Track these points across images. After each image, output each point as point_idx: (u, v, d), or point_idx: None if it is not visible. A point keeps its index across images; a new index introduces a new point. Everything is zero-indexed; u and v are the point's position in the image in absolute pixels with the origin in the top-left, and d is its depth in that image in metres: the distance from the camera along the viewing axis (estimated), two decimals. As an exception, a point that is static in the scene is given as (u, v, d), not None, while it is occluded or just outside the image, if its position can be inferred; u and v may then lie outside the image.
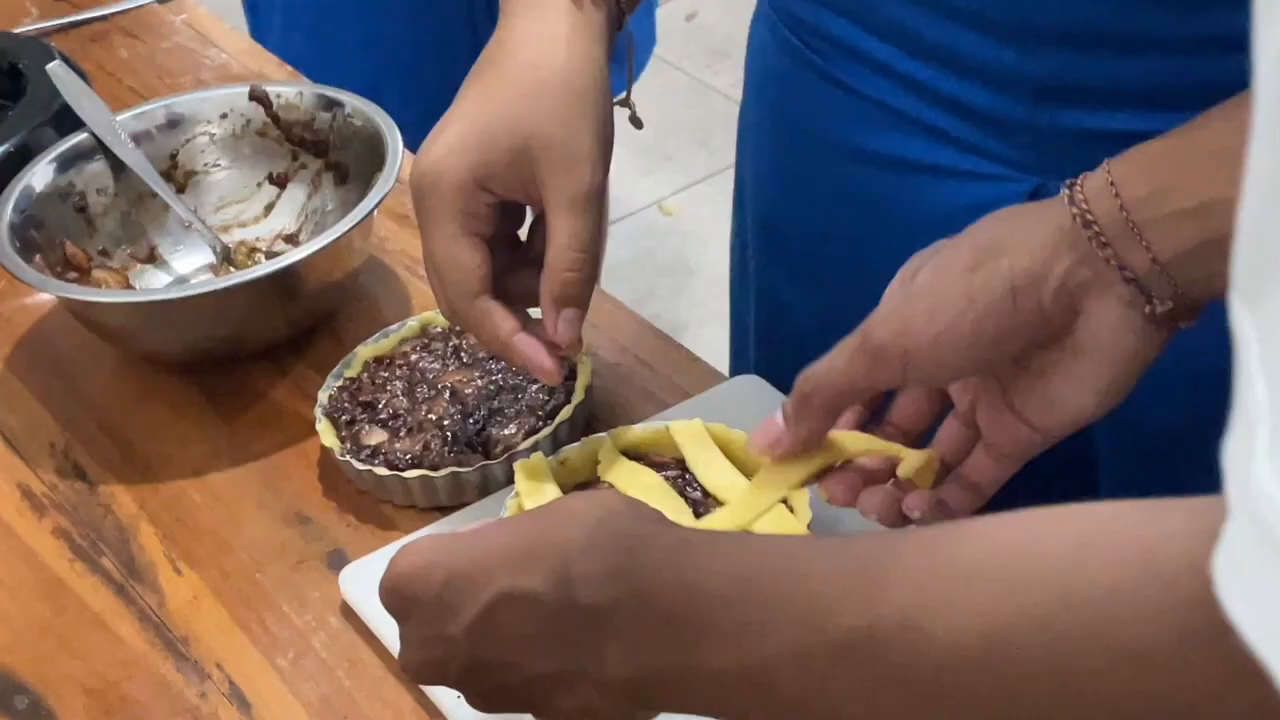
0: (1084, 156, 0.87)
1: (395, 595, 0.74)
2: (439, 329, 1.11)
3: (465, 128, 0.89)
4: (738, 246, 1.19)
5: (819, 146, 1.03)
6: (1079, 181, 0.76)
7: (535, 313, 0.94)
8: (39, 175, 1.19)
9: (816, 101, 1.03)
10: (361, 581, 0.96)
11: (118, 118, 1.23)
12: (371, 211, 1.11)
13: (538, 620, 0.68)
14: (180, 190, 1.24)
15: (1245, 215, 0.42)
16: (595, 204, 0.90)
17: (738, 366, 1.23)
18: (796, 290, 1.10)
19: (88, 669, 0.96)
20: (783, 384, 1.02)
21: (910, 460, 0.83)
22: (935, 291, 0.78)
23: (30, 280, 1.09)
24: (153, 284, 1.22)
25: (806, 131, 1.05)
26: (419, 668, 0.74)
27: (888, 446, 0.85)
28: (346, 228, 1.09)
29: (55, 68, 1.25)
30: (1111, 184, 0.74)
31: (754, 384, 1.07)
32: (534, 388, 1.05)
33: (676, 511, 0.93)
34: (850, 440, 0.85)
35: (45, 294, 1.15)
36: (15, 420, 1.14)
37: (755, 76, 1.11)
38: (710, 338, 2.50)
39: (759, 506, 0.89)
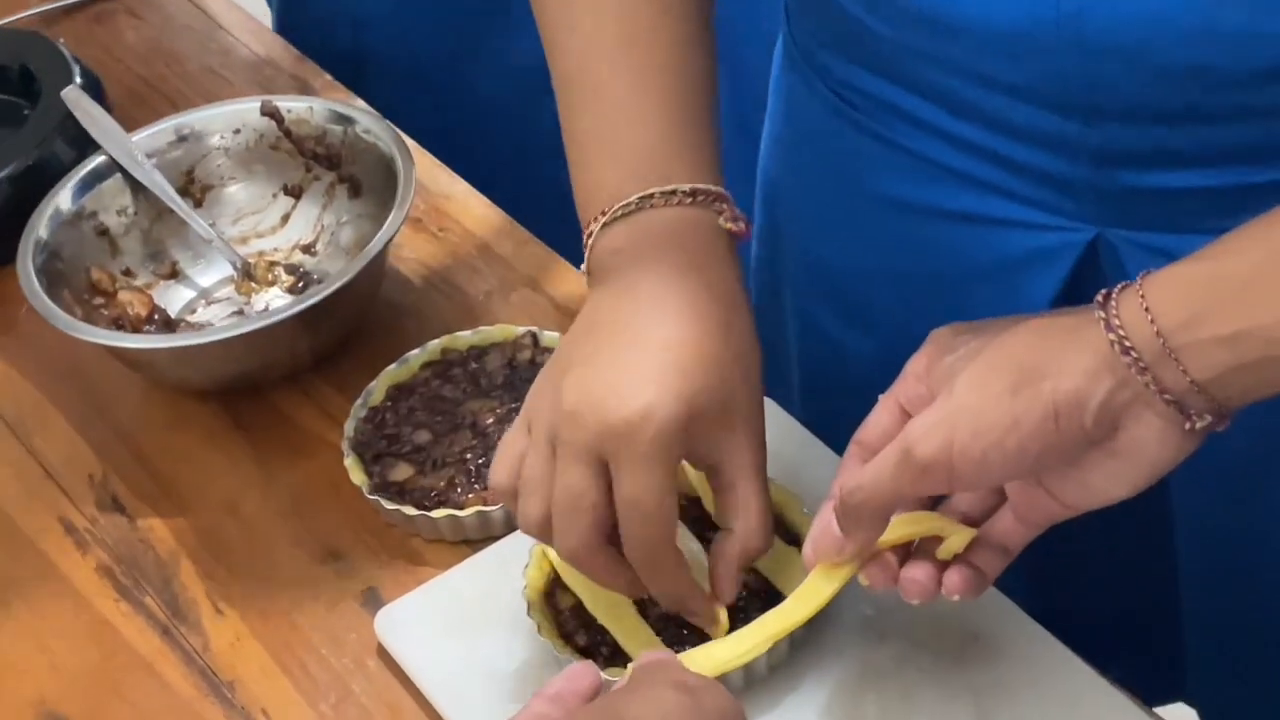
0: (1145, 210, 0.91)
1: None
2: (457, 352, 1.14)
3: (677, 374, 0.86)
4: (767, 273, 1.21)
5: (863, 197, 1.04)
6: (1113, 302, 0.78)
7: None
8: (58, 202, 1.21)
9: (857, 154, 1.02)
10: (397, 626, 1.01)
11: (133, 139, 1.25)
12: (391, 239, 1.14)
13: None
14: (198, 204, 1.27)
15: None
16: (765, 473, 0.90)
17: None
18: (846, 330, 1.11)
19: (140, 716, 1.01)
20: (832, 419, 1.05)
21: (953, 542, 0.87)
22: (978, 412, 0.80)
23: (62, 325, 1.12)
24: (176, 299, 1.25)
25: (848, 182, 1.05)
26: None
27: (932, 524, 0.88)
28: (369, 259, 1.12)
29: (70, 93, 1.27)
30: (1146, 310, 0.76)
31: (770, 410, 1.10)
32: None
33: (695, 555, 0.97)
34: (899, 524, 0.88)
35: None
36: (52, 451, 1.18)
37: (784, 123, 1.12)
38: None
39: (824, 594, 0.93)
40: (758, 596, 0.96)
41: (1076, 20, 0.84)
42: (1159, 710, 0.93)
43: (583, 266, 0.96)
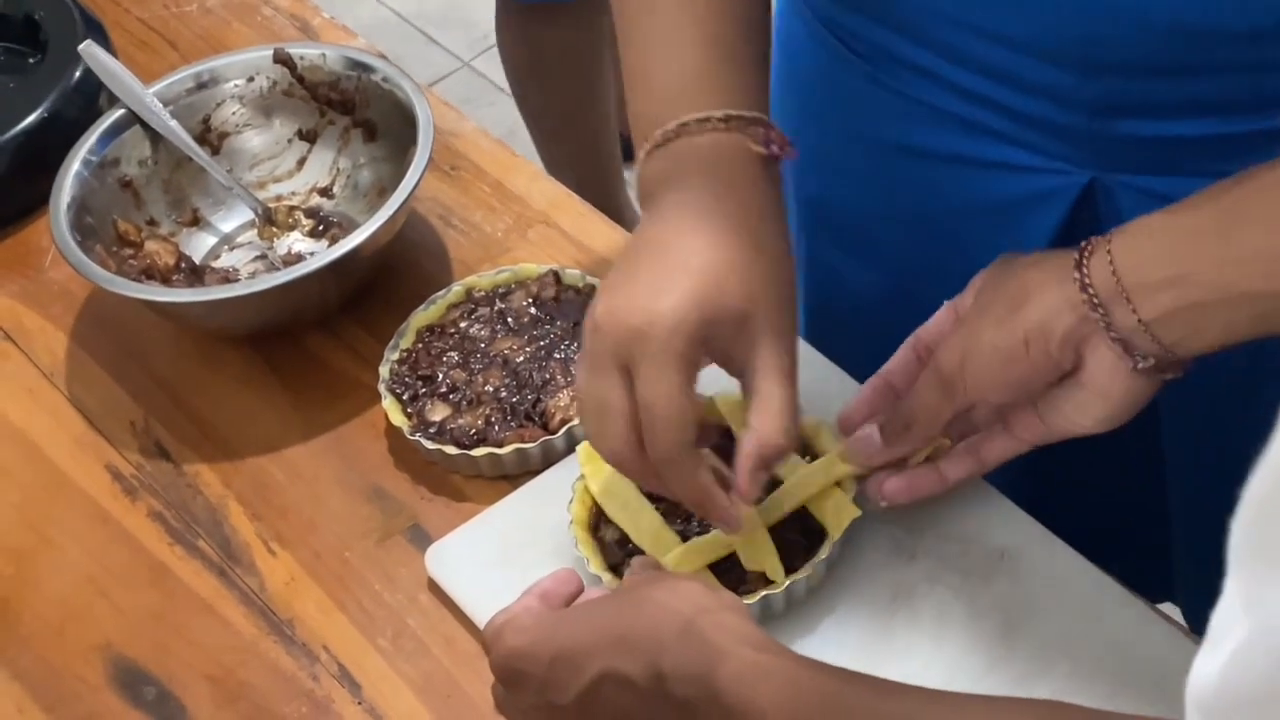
0: (1139, 156, 0.97)
1: (506, 669, 0.84)
2: (482, 293, 1.19)
3: (698, 282, 0.89)
4: None
5: (864, 140, 1.08)
6: (1089, 247, 0.87)
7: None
8: (83, 156, 1.24)
9: (858, 99, 1.07)
10: (446, 561, 1.06)
11: (150, 90, 1.28)
12: (415, 188, 1.18)
13: (636, 699, 0.80)
14: (215, 152, 1.30)
15: (1254, 488, 0.51)
16: (797, 377, 0.93)
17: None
18: (851, 264, 1.16)
19: (205, 656, 1.06)
20: (836, 347, 1.11)
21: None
22: (977, 333, 0.90)
23: (101, 281, 1.16)
24: (199, 246, 1.29)
25: (848, 126, 1.09)
26: None
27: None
28: (398, 204, 1.16)
29: (87, 48, 1.30)
30: (1108, 254, 0.86)
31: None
32: (578, 354, 1.13)
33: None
34: None
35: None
36: (93, 399, 1.22)
37: (785, 65, 1.15)
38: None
39: (815, 486, 1.00)
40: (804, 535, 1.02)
41: None
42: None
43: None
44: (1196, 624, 1.21)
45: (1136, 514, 1.21)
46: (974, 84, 0.99)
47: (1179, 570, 1.22)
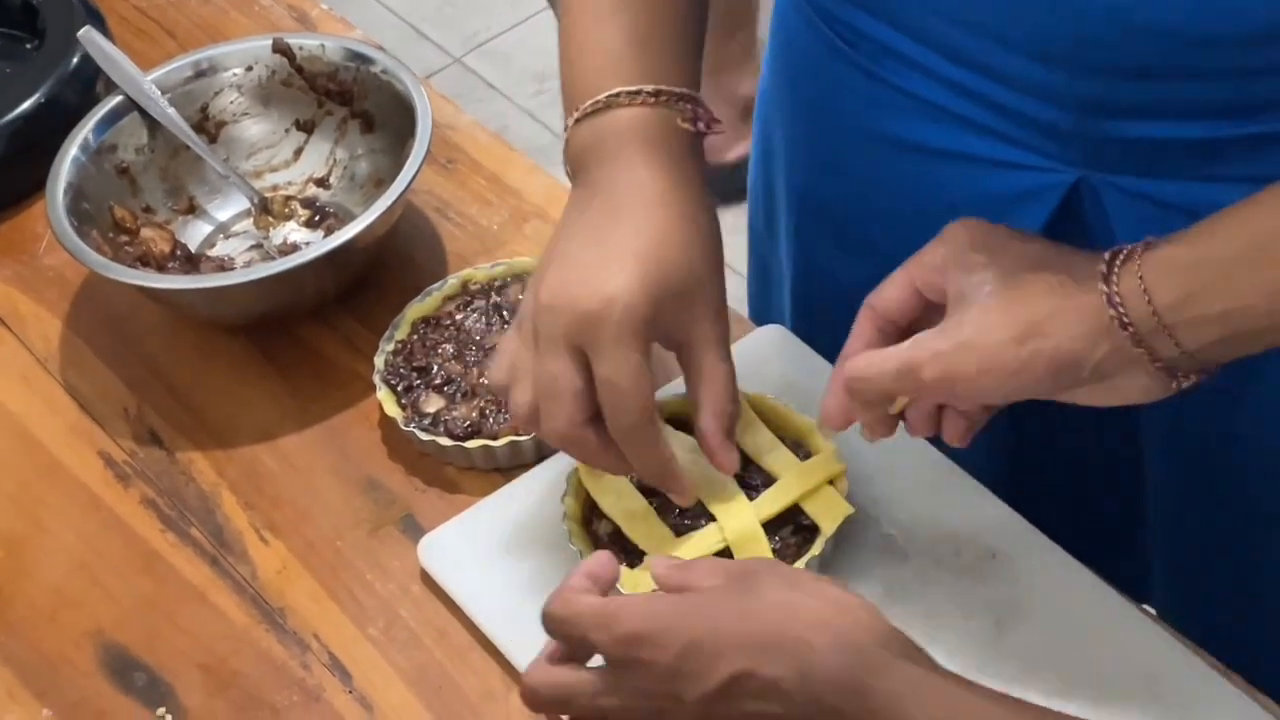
0: (1126, 156, 0.97)
1: (622, 654, 0.82)
2: (478, 285, 1.19)
3: (641, 263, 0.93)
4: (761, 195, 1.26)
5: (855, 133, 1.09)
6: (1115, 275, 0.86)
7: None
8: (80, 141, 1.24)
9: (851, 91, 1.07)
10: (439, 553, 1.06)
11: (148, 77, 1.28)
12: (413, 179, 1.18)
13: (782, 703, 0.79)
14: (212, 140, 1.30)
15: None
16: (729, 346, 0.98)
17: (757, 310, 1.32)
18: (840, 258, 1.17)
19: (196, 644, 1.06)
20: (825, 341, 1.11)
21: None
22: (986, 354, 0.88)
23: (97, 268, 1.16)
24: (195, 234, 1.29)
25: (841, 118, 1.10)
26: (622, 713, 0.83)
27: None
28: (395, 195, 1.16)
29: (86, 34, 1.30)
30: (1145, 290, 0.85)
31: (779, 334, 1.16)
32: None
33: (723, 482, 1.03)
34: None
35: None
36: (86, 385, 1.22)
37: (781, 55, 1.16)
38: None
39: (808, 483, 1.00)
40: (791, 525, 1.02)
41: None
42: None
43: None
44: (1171, 622, 1.22)
45: (1115, 514, 1.22)
46: (965, 79, 1.00)
47: (1156, 571, 1.22)
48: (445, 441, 1.10)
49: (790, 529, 1.01)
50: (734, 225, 1.30)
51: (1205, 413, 1.05)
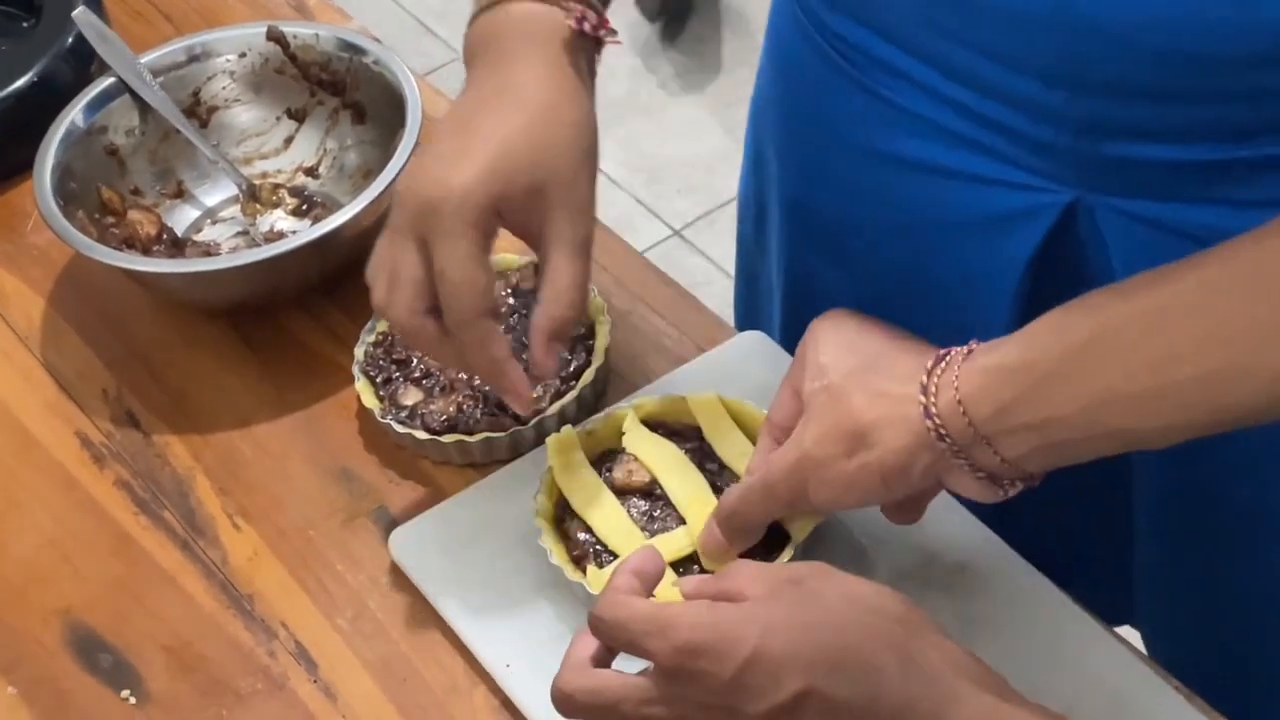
0: (1123, 178, 0.97)
1: (679, 665, 0.79)
2: (462, 280, 1.19)
3: (489, 155, 0.94)
4: (752, 204, 1.26)
5: (848, 146, 1.09)
6: (933, 389, 0.87)
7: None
8: (70, 121, 1.24)
9: (844, 104, 1.07)
10: (410, 546, 1.06)
11: (141, 59, 1.28)
12: (401, 171, 1.18)
13: None
14: (203, 125, 1.30)
15: None
16: (590, 248, 0.97)
17: (744, 316, 1.32)
18: (829, 270, 1.17)
19: (163, 627, 1.06)
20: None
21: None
22: (822, 466, 0.91)
23: (82, 248, 1.16)
24: (182, 219, 1.29)
25: (834, 131, 1.09)
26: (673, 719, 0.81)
27: None
28: (382, 188, 1.16)
29: (81, 14, 1.30)
30: (959, 403, 0.86)
31: (760, 341, 1.16)
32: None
33: (697, 486, 1.03)
34: None
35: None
36: (66, 365, 1.22)
37: (775, 66, 1.16)
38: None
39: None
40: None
41: (1072, 3, 0.89)
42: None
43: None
44: (1156, 648, 1.22)
45: (1101, 537, 1.22)
46: (961, 96, 1.00)
47: (1140, 595, 1.22)
48: (422, 435, 1.10)
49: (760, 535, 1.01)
50: (728, 230, 1.30)
51: (1197, 457, 1.05)
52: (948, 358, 0.88)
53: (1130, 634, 1.24)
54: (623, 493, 1.04)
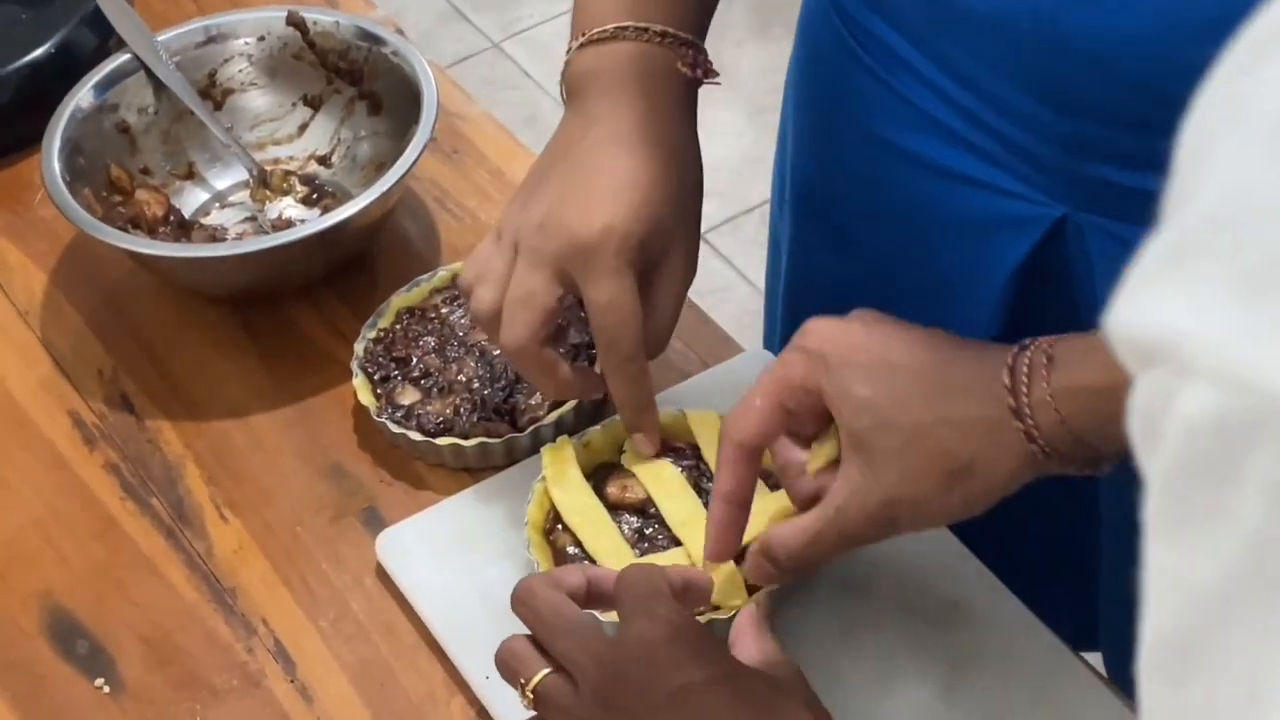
0: (1109, 200, 0.96)
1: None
2: (468, 280, 1.17)
3: (639, 196, 0.97)
4: (776, 195, 1.26)
5: (858, 134, 1.09)
6: (1027, 411, 0.84)
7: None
8: (82, 97, 1.23)
9: (861, 94, 1.08)
10: (397, 548, 1.05)
11: (158, 37, 1.26)
12: (413, 165, 1.16)
13: None
14: (218, 107, 1.29)
15: None
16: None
17: (768, 330, 1.32)
18: (831, 256, 1.17)
19: (143, 616, 1.04)
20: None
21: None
22: (920, 502, 0.87)
23: (86, 227, 1.14)
24: (190, 201, 1.27)
25: (848, 118, 1.10)
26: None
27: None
28: (392, 182, 1.15)
29: (100, -9, 1.28)
30: (1063, 423, 0.83)
31: (762, 361, 1.14)
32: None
33: (693, 509, 1.01)
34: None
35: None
36: (64, 342, 1.20)
37: (803, 49, 1.17)
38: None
39: (773, 514, 0.98)
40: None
41: (1052, 22, 0.90)
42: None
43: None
44: (1116, 672, 1.20)
45: (1066, 559, 1.22)
46: (965, 100, 1.00)
47: (1103, 618, 1.21)
48: (416, 436, 1.09)
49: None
50: (753, 237, 1.28)
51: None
52: (1024, 371, 0.85)
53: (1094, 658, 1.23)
54: (616, 508, 1.02)
